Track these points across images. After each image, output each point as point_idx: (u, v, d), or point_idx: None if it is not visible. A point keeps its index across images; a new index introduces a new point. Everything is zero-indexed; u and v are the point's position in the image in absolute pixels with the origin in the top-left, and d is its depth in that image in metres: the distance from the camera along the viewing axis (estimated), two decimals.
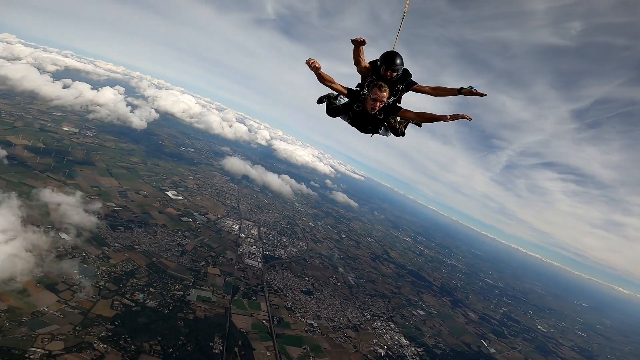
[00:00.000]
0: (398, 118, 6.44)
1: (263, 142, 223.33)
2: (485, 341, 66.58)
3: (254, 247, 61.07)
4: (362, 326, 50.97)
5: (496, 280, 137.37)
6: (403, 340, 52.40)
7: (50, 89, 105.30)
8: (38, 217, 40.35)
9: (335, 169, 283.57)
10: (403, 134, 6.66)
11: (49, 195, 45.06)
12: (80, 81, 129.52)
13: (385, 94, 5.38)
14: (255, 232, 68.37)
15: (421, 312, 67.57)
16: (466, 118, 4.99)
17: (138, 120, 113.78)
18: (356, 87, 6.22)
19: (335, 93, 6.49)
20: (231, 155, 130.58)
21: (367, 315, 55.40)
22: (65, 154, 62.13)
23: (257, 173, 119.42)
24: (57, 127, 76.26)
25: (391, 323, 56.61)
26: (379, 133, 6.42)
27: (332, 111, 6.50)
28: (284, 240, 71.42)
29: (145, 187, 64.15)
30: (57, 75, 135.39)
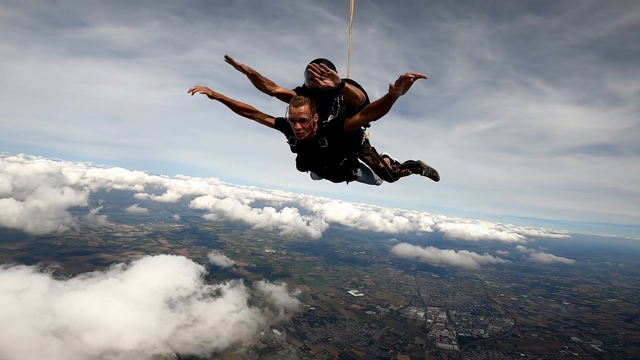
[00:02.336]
0: (371, 153, 5.12)
1: (428, 229, 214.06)
2: None
3: (445, 330, 55.14)
4: None
5: None
6: None
7: (251, 216, 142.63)
8: (257, 300, 55.08)
9: (525, 235, 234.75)
10: (395, 177, 5.25)
11: (263, 286, 62.18)
12: (267, 207, 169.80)
13: (303, 108, 3.92)
14: (443, 316, 62.42)
15: None
16: (419, 76, 3.04)
17: (314, 231, 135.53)
18: None
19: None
20: (400, 243, 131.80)
21: None
22: (270, 270, 79.73)
23: (431, 253, 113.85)
24: (261, 250, 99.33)
25: None
26: (357, 179, 4.96)
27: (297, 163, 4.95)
28: (481, 319, 61.31)
29: (330, 290, 71.83)
30: (252, 205, 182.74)
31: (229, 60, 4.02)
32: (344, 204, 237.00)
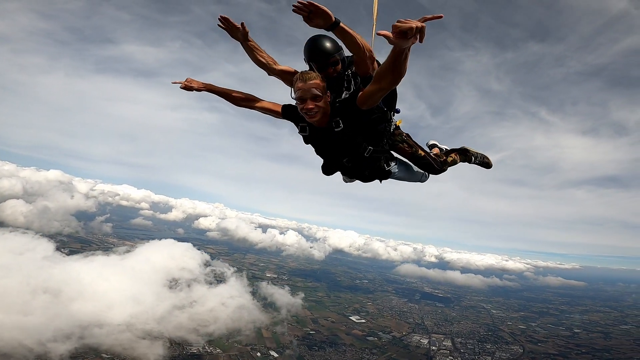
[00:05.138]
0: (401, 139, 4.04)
1: (432, 259, 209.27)
2: None
3: (450, 357, 53.56)
4: None
5: None
6: None
7: (254, 235, 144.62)
8: (257, 296, 58.34)
9: (532, 265, 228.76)
10: (441, 167, 4.26)
11: (265, 287, 65.59)
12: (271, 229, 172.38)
13: (315, 81, 3.19)
14: (448, 343, 60.52)
15: None
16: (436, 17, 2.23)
17: (318, 252, 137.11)
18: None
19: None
20: (404, 264, 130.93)
21: None
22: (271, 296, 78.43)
23: (436, 273, 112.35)
24: (263, 275, 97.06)
25: None
26: (392, 175, 4.03)
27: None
28: (488, 346, 59.24)
29: (331, 315, 70.14)
30: (256, 228, 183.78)
31: (224, 20, 3.53)
32: (348, 232, 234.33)
